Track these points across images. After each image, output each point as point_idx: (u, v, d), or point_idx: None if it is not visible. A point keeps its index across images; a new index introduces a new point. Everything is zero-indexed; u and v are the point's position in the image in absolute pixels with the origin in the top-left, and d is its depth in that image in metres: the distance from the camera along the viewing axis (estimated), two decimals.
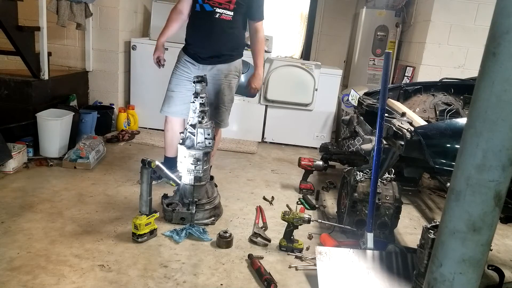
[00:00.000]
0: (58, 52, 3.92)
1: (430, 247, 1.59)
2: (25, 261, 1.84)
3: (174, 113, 2.75)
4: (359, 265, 1.92)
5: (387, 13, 4.62)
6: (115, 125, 4.10)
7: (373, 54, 4.75)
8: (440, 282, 1.07)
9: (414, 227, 2.67)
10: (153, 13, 4.18)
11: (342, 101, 4.27)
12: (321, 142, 3.95)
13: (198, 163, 2.33)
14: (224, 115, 2.75)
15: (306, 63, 4.11)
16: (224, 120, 2.77)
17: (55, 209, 2.36)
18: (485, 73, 0.95)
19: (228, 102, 2.72)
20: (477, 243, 1.02)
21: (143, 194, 2.14)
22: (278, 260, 2.09)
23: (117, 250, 2.02)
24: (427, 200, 3.20)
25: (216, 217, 2.45)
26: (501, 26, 0.91)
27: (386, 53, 2.00)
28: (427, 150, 1.92)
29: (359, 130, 2.76)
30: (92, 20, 3.86)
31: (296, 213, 2.18)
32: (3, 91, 3.14)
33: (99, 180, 2.87)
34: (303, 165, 3.12)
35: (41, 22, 3.14)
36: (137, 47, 4.10)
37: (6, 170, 2.76)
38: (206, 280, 1.85)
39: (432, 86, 3.16)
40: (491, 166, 0.96)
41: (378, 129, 1.99)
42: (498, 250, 2.47)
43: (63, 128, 3.18)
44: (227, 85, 2.66)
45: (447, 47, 4.01)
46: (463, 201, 1.01)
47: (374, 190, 2.05)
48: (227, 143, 4.02)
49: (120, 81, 4.16)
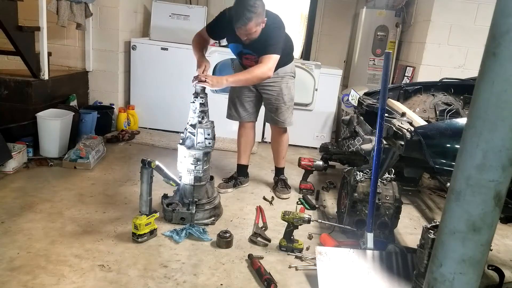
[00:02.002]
0: (58, 52, 3.91)
1: (430, 247, 1.59)
2: (25, 261, 1.84)
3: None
4: (359, 265, 1.92)
5: (387, 13, 4.62)
6: (115, 125, 4.10)
7: (373, 54, 4.75)
8: (440, 282, 1.07)
9: (414, 227, 2.67)
10: (153, 13, 4.19)
11: (342, 101, 4.27)
12: (321, 142, 3.95)
13: (198, 163, 2.33)
14: (286, 114, 2.86)
15: (306, 63, 4.11)
16: (286, 119, 2.87)
17: (55, 209, 2.36)
18: (485, 73, 0.95)
19: (288, 100, 2.84)
20: (477, 243, 1.02)
21: (143, 194, 2.14)
22: (278, 260, 2.09)
23: (117, 250, 2.02)
24: (427, 200, 3.20)
25: (216, 217, 2.45)
26: (501, 26, 0.91)
27: (386, 53, 2.00)
28: (427, 150, 1.92)
29: (359, 130, 2.76)
30: (92, 20, 3.86)
31: (296, 213, 2.18)
32: (3, 91, 3.14)
33: (99, 180, 2.87)
34: (303, 165, 3.12)
35: (41, 22, 3.14)
36: (137, 47, 4.10)
37: (6, 170, 2.76)
38: (206, 280, 1.85)
39: (432, 86, 3.16)
40: (491, 166, 0.96)
41: (378, 129, 1.99)
42: (498, 250, 2.47)
43: (63, 128, 3.18)
44: (285, 86, 2.79)
45: (447, 47, 4.01)
46: (463, 201, 1.01)
47: (374, 190, 2.05)
48: (227, 143, 4.02)
49: (120, 81, 4.16)
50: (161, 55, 4.08)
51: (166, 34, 4.14)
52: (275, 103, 2.82)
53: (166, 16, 4.18)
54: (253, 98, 2.88)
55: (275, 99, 2.81)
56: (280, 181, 3.00)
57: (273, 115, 2.87)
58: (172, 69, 4.10)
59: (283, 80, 2.78)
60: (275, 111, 2.85)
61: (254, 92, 2.85)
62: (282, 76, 2.77)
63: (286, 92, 2.81)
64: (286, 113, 2.86)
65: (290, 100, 2.85)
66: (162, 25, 4.19)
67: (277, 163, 3.08)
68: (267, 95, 2.81)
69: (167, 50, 4.10)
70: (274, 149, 3.06)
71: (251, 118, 2.96)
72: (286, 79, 2.79)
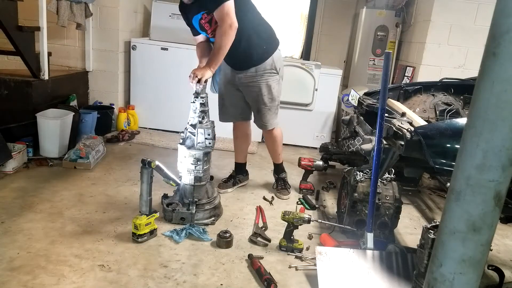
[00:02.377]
0: (58, 52, 3.91)
1: (430, 247, 1.59)
2: (25, 261, 1.84)
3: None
4: (359, 265, 1.92)
5: (387, 13, 4.62)
6: (115, 125, 4.10)
7: (373, 54, 4.75)
8: (440, 282, 1.07)
9: (414, 227, 2.67)
10: (153, 13, 4.19)
11: (342, 101, 4.27)
12: (321, 142, 3.95)
13: (198, 163, 2.34)
14: (268, 115, 2.70)
15: (306, 63, 4.11)
16: (269, 121, 2.73)
17: (55, 209, 2.36)
18: (485, 73, 0.95)
19: (269, 101, 2.65)
20: (477, 243, 1.02)
21: (143, 194, 2.14)
22: (278, 260, 2.09)
23: (117, 250, 2.02)
24: (427, 200, 3.20)
25: (216, 217, 2.45)
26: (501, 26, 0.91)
27: (386, 53, 2.00)
28: (427, 150, 1.92)
29: (359, 130, 2.75)
30: (92, 20, 3.86)
31: (296, 213, 2.18)
32: (3, 91, 3.14)
33: (99, 180, 2.87)
34: (303, 165, 3.12)
35: (41, 22, 3.13)
36: (137, 47, 4.10)
37: (6, 170, 2.76)
38: (206, 280, 1.85)
39: (432, 86, 3.16)
40: (491, 166, 0.96)
41: (378, 129, 1.99)
42: (498, 250, 2.47)
43: (63, 128, 3.18)
44: (264, 85, 2.60)
45: (447, 47, 4.01)
46: (463, 201, 1.01)
47: (374, 190, 2.05)
48: (227, 143, 4.02)
49: (120, 81, 4.16)
50: (161, 55, 4.08)
51: (166, 34, 4.14)
52: (255, 105, 2.68)
53: (166, 16, 4.18)
54: (241, 97, 2.75)
55: (254, 100, 2.66)
56: (279, 180, 2.98)
57: (255, 116, 2.76)
58: (172, 69, 4.10)
59: (262, 78, 2.58)
60: (256, 113, 2.72)
61: (240, 91, 2.72)
62: (261, 74, 2.57)
63: (265, 92, 2.61)
64: (267, 115, 2.69)
65: (271, 100, 2.65)
66: (162, 25, 4.19)
67: (274, 160, 3.05)
68: (246, 95, 2.68)
69: (167, 50, 4.10)
70: (269, 148, 3.02)
71: (243, 118, 2.88)
72: (266, 77, 2.58)
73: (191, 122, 2.36)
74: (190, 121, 2.37)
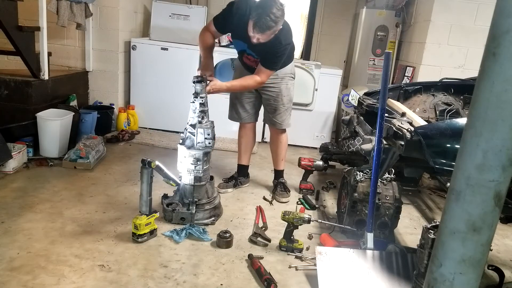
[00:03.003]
0: (58, 52, 3.92)
1: (430, 247, 1.59)
2: (25, 261, 1.84)
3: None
4: (359, 265, 1.92)
5: (387, 13, 4.62)
6: (115, 125, 4.10)
7: (373, 54, 4.75)
8: (440, 282, 1.07)
9: (414, 227, 2.67)
10: (153, 13, 4.19)
11: (342, 101, 4.27)
12: (321, 142, 3.95)
13: (198, 163, 2.34)
14: (285, 115, 2.86)
15: (306, 63, 4.11)
16: (284, 121, 2.88)
17: (55, 209, 2.36)
18: (485, 73, 0.95)
19: (287, 102, 2.84)
20: (477, 243, 1.02)
21: (143, 194, 2.14)
22: (278, 260, 2.09)
23: (117, 250, 2.02)
24: (427, 200, 3.20)
25: (216, 217, 2.45)
26: (501, 26, 0.91)
27: (386, 53, 2.00)
28: (427, 150, 1.92)
29: (359, 130, 2.76)
30: (92, 20, 3.86)
31: (296, 213, 2.18)
32: (3, 91, 3.14)
33: (99, 180, 2.87)
34: (303, 165, 3.12)
35: (41, 22, 3.13)
36: (137, 47, 4.10)
37: (6, 170, 2.76)
38: (206, 280, 1.85)
39: (432, 86, 3.16)
40: (491, 166, 0.96)
41: (378, 129, 1.99)
42: (498, 250, 2.47)
43: (63, 128, 3.18)
44: (285, 87, 2.79)
45: (447, 47, 4.01)
46: (463, 201, 1.01)
47: (374, 190, 2.05)
48: (227, 143, 4.02)
49: (120, 81, 4.16)
50: (161, 55, 4.08)
51: (166, 34, 4.14)
52: (273, 104, 2.82)
53: (166, 16, 4.18)
54: (253, 99, 2.88)
55: (274, 100, 2.81)
56: (279, 184, 2.98)
57: (271, 116, 2.87)
58: (172, 69, 4.10)
59: (282, 81, 2.77)
60: (273, 112, 2.85)
61: (253, 93, 2.85)
62: (282, 77, 2.76)
63: (285, 94, 2.80)
64: (284, 115, 2.85)
65: (288, 101, 2.85)
66: (162, 25, 4.19)
67: (276, 165, 3.05)
68: (266, 95, 2.81)
69: (167, 50, 4.10)
70: (273, 150, 3.05)
71: (251, 119, 2.96)
72: (286, 80, 2.79)
73: (190, 122, 2.37)
74: (190, 121, 2.37)
